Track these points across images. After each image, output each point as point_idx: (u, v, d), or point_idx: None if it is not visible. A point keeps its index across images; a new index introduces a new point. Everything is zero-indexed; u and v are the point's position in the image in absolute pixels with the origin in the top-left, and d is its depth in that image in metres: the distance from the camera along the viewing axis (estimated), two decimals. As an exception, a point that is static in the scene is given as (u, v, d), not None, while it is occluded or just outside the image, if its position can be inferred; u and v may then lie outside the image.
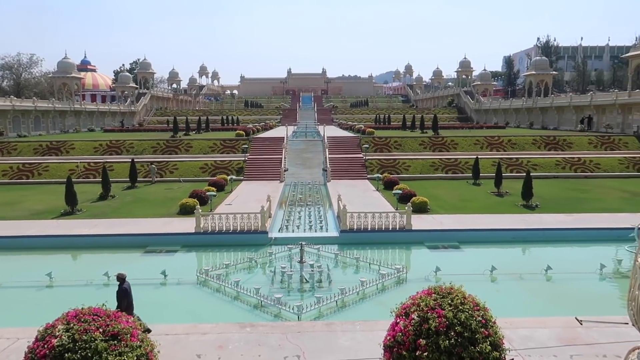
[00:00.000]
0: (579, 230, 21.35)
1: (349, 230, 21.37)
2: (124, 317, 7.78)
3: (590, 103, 53.81)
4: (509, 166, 37.62)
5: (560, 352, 10.46)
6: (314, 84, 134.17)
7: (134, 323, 7.81)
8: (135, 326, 7.71)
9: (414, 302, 8.70)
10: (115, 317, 7.60)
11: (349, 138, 48.12)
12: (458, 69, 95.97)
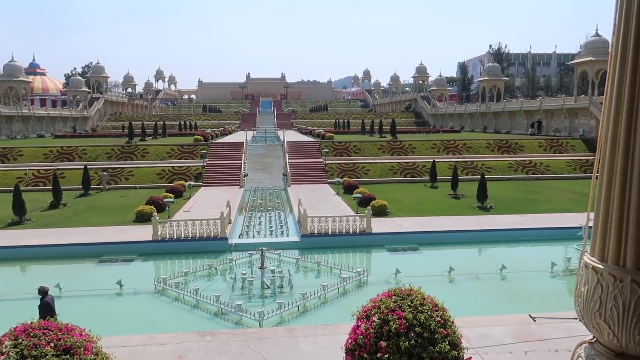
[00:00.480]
0: (531, 230, 22.14)
1: (310, 235, 21.36)
2: (77, 330, 7.46)
3: (540, 108, 56.08)
4: (465, 169, 38.63)
5: (516, 348, 10.78)
6: (273, 88, 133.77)
7: (88, 336, 7.51)
8: (89, 339, 7.41)
9: (374, 304, 8.77)
10: (67, 331, 7.27)
11: (308, 143, 48.21)
12: (415, 75, 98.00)
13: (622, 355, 2.20)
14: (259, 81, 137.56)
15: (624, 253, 2.13)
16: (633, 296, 2.09)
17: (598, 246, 2.24)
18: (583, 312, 2.28)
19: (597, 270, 2.21)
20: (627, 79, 2.10)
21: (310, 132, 59.97)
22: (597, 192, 2.25)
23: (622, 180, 2.12)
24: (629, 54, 2.09)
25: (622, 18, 2.15)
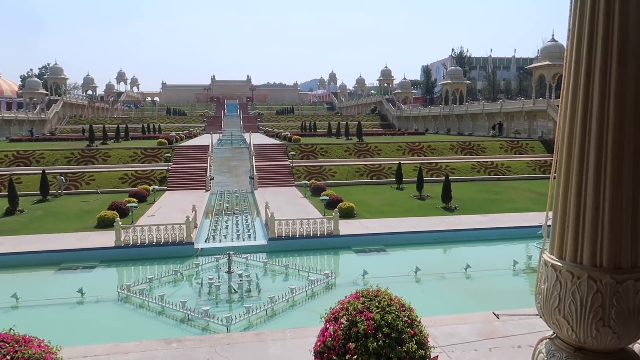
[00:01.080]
0: (493, 229, 22.71)
1: (278, 238, 21.27)
2: (36, 341, 7.19)
3: (501, 110, 57.65)
4: (430, 170, 39.28)
5: (480, 345, 11.01)
6: (239, 91, 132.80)
7: (47, 347, 7.24)
8: (48, 350, 7.14)
9: (342, 306, 8.80)
10: (25, 342, 6.99)
11: (275, 145, 48.04)
12: (380, 78, 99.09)
13: (581, 349, 2.28)
14: (224, 83, 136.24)
15: (581, 251, 2.20)
16: (590, 292, 2.17)
17: (556, 244, 2.31)
18: (543, 309, 2.35)
19: (556, 268, 2.29)
20: (581, 82, 2.18)
21: (277, 134, 59.77)
22: (554, 192, 2.33)
23: (578, 180, 2.20)
24: (583, 58, 2.17)
25: (575, 24, 2.23)
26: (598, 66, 2.14)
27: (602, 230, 2.16)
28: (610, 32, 2.11)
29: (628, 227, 2.15)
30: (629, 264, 2.17)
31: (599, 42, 2.14)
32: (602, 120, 2.14)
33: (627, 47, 2.10)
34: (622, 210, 2.14)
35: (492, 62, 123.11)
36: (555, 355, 2.38)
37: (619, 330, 2.15)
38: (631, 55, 2.10)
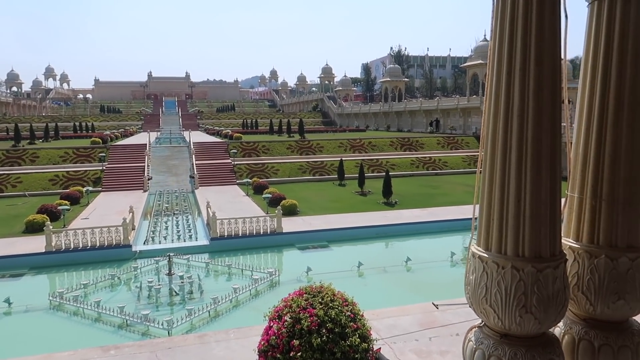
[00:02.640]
0: (432, 222, 23.47)
1: (220, 238, 20.93)
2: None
3: (437, 107, 59.68)
4: (371, 167, 40.00)
5: (421, 335, 11.35)
6: (178, 88, 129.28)
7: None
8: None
9: (286, 304, 8.80)
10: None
11: (216, 143, 47.19)
12: (321, 75, 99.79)
13: (506, 335, 2.41)
14: (162, 80, 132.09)
15: (505, 242, 2.32)
16: (513, 281, 2.29)
17: (483, 236, 2.42)
18: (472, 299, 2.46)
19: (482, 259, 2.39)
20: (503, 81, 2.30)
21: (218, 132, 58.80)
22: (481, 186, 2.43)
23: (501, 175, 2.31)
24: (504, 57, 2.29)
25: (497, 25, 2.34)
26: (518, 66, 2.26)
27: (523, 222, 2.28)
28: (529, 33, 2.23)
29: (547, 219, 2.29)
30: (548, 253, 2.31)
31: (519, 42, 2.25)
32: (522, 118, 2.26)
33: (544, 48, 2.23)
34: (541, 202, 2.27)
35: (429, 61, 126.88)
36: (484, 342, 2.49)
37: (540, 315, 2.28)
38: (546, 55, 2.23)
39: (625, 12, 2.54)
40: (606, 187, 2.61)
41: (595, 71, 2.64)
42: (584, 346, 2.71)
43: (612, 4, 2.59)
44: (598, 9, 2.64)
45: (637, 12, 2.52)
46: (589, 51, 2.69)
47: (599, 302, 2.62)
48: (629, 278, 2.57)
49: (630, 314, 2.68)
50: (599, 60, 2.62)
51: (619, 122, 2.57)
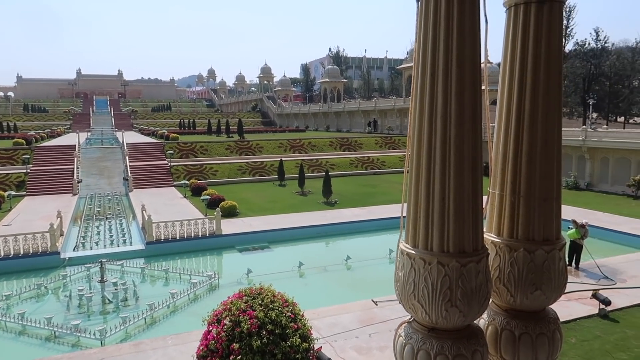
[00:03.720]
0: (371, 221, 23.92)
1: (156, 242, 20.27)
2: None
3: (375, 108, 60.95)
4: (311, 167, 40.20)
5: (361, 332, 11.55)
6: (110, 86, 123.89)
7: None
8: None
9: (225, 307, 8.68)
10: None
11: (151, 144, 45.63)
12: (260, 75, 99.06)
13: (434, 329, 2.50)
14: (92, 78, 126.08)
15: (431, 239, 2.40)
16: (439, 276, 2.38)
17: (410, 234, 2.49)
18: (401, 295, 2.52)
19: (410, 256, 2.46)
20: (427, 82, 2.37)
21: (153, 133, 56.90)
22: (408, 185, 2.50)
23: (427, 174, 2.39)
24: (428, 60, 2.37)
25: (421, 28, 2.42)
26: (441, 68, 2.35)
27: (448, 219, 2.37)
28: (450, 37, 2.32)
29: (470, 215, 2.39)
30: (471, 249, 2.41)
31: (441, 46, 2.34)
32: (445, 118, 2.35)
33: (464, 51, 2.33)
34: (464, 200, 2.37)
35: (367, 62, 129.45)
36: (413, 337, 2.56)
37: (464, 308, 2.38)
38: (467, 58, 2.33)
39: (539, 17, 2.71)
40: (524, 184, 2.77)
41: (512, 74, 2.79)
42: (506, 336, 2.86)
43: (527, 9, 2.74)
44: (515, 15, 2.79)
45: (549, 17, 2.70)
46: (507, 55, 2.84)
47: (519, 293, 2.78)
48: (545, 269, 2.74)
49: (546, 303, 2.86)
50: (516, 64, 2.77)
51: (534, 124, 2.73)
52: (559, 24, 2.76)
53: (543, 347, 2.80)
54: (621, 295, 13.51)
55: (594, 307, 12.56)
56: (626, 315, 12.39)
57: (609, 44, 71.22)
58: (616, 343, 10.87)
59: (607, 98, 67.93)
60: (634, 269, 15.95)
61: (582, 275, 15.52)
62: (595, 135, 33.73)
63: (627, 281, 14.85)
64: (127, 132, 56.06)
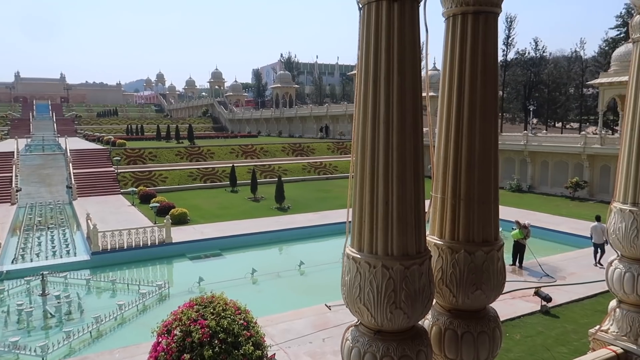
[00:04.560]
0: (324, 226, 24.04)
1: (103, 252, 19.54)
2: None
3: (327, 114, 61.44)
4: (263, 172, 39.99)
5: (315, 337, 11.58)
6: (51, 90, 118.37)
7: None
8: None
9: (175, 317, 8.49)
10: None
11: (97, 150, 43.99)
12: (210, 80, 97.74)
13: (380, 332, 2.55)
14: (32, 82, 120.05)
15: (376, 242, 2.45)
16: (384, 279, 2.43)
17: (356, 238, 2.54)
18: (348, 299, 2.56)
19: (356, 260, 2.51)
20: (370, 88, 2.43)
21: (99, 138, 54.89)
22: (353, 190, 2.55)
23: (371, 178, 2.45)
24: (370, 66, 2.43)
25: (363, 35, 2.48)
26: (383, 75, 2.41)
27: (391, 223, 2.43)
28: (391, 45, 2.39)
29: (412, 219, 2.46)
30: (415, 251, 2.48)
31: (383, 54, 2.41)
32: (387, 124, 2.41)
33: (405, 59, 2.41)
34: (406, 203, 2.44)
35: (319, 68, 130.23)
36: (359, 340, 2.60)
37: (408, 310, 2.44)
38: (408, 66, 2.41)
39: (475, 27, 2.83)
40: (464, 188, 2.88)
41: (452, 82, 2.91)
42: (449, 335, 2.96)
43: (464, 19, 2.86)
44: (453, 25, 2.91)
45: (485, 27, 2.83)
46: (446, 64, 2.95)
47: (460, 294, 2.88)
48: (484, 270, 2.85)
49: (487, 302, 2.97)
50: (454, 72, 2.89)
51: (472, 130, 2.85)
52: (494, 35, 2.90)
53: (484, 345, 2.91)
54: (561, 292, 14.22)
55: (537, 304, 13.15)
56: (565, 311, 13.05)
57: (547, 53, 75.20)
58: (557, 338, 11.41)
59: (546, 104, 71.57)
60: (572, 266, 16.83)
61: (526, 274, 16.22)
62: (535, 140, 35.41)
63: (566, 278, 15.65)
64: (70, 138, 53.72)
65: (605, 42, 64.16)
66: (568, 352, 10.46)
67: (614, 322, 4.65)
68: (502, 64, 67.80)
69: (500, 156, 24.31)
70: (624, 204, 4.39)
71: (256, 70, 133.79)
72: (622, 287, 4.47)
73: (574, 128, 70.42)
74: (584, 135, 33.11)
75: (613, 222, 4.45)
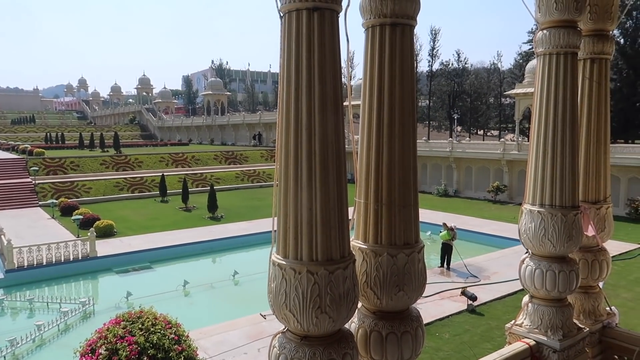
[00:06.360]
0: (257, 234, 23.80)
1: (18, 269, 18.21)
2: None
3: (260, 121, 61.13)
4: (195, 181, 39.03)
5: (250, 348, 11.43)
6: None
7: None
8: None
9: (100, 335, 8.10)
10: None
11: (11, 160, 40.96)
12: (138, 86, 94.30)
13: (306, 337, 2.58)
14: None
15: (300, 248, 2.49)
16: (309, 284, 2.46)
17: (281, 245, 2.56)
18: (274, 306, 2.57)
19: (281, 267, 2.53)
20: (292, 96, 2.48)
21: (14, 147, 51.11)
22: (278, 197, 2.57)
23: (294, 185, 2.48)
24: (292, 75, 2.49)
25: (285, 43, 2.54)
26: (304, 83, 2.46)
27: (315, 228, 2.48)
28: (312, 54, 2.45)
29: (336, 224, 2.52)
30: (339, 255, 2.54)
31: (304, 62, 2.46)
32: (310, 131, 2.46)
33: (326, 68, 2.47)
34: (330, 209, 2.50)
35: (251, 76, 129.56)
36: (286, 347, 2.62)
37: (333, 314, 2.49)
38: (329, 74, 2.48)
39: (392, 38, 2.96)
40: (385, 192, 2.98)
41: (372, 90, 3.01)
42: (374, 337, 3.04)
43: (382, 30, 2.98)
44: (372, 35, 3.02)
45: (401, 38, 2.96)
46: (367, 72, 3.05)
47: (384, 295, 2.97)
48: (406, 271, 2.97)
49: (409, 303, 3.09)
50: (374, 81, 3.00)
51: (392, 136, 2.96)
52: (410, 45, 3.04)
53: (407, 344, 3.02)
54: (485, 291, 14.99)
55: (463, 303, 13.77)
56: (489, 309, 13.76)
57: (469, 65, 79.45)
58: (482, 335, 12.01)
59: (468, 113, 75.51)
60: (495, 266, 17.80)
61: (453, 275, 16.95)
62: (460, 147, 37.22)
63: (490, 277, 16.52)
64: (-19, 147, 49.74)
65: (519, 55, 68.80)
66: (492, 348, 11.03)
67: (527, 316, 4.98)
68: (427, 74, 70.86)
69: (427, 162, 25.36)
70: (533, 205, 4.72)
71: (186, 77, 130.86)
72: (533, 283, 4.80)
73: (494, 135, 74.77)
74: (503, 142, 35.25)
75: (524, 222, 4.78)
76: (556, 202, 4.61)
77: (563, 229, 4.57)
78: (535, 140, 4.72)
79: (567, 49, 4.62)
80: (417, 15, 3.03)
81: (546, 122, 4.65)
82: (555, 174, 4.61)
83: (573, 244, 4.70)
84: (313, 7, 2.44)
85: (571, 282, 4.74)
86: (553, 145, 4.61)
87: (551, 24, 4.66)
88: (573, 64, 4.69)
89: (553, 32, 4.63)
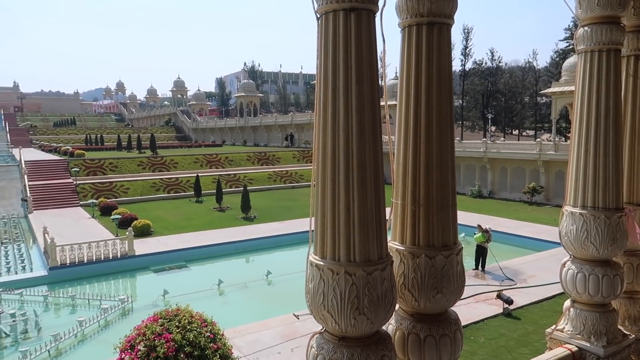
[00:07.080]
0: (290, 235, 23.96)
1: (61, 266, 18.90)
2: None
3: (292, 122, 61.48)
4: (228, 182, 39.59)
5: (283, 348, 11.51)
6: (3, 99, 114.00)
7: None
8: None
9: (139, 332, 8.29)
10: None
11: (54, 161, 42.57)
12: (173, 89, 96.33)
13: (344, 338, 2.58)
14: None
15: (338, 249, 2.49)
16: (347, 285, 2.46)
17: (319, 245, 2.57)
18: (312, 307, 2.58)
19: (319, 267, 2.53)
20: (330, 97, 2.49)
21: (56, 149, 53.10)
22: (315, 198, 2.58)
23: (332, 186, 2.49)
24: (329, 76, 2.50)
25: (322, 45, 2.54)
26: (341, 84, 2.46)
27: (353, 229, 2.47)
28: (349, 55, 2.45)
29: (373, 225, 2.51)
30: (376, 257, 2.52)
31: (341, 63, 2.47)
32: (347, 132, 2.46)
33: (363, 69, 2.47)
34: (367, 210, 2.49)
35: (283, 77, 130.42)
36: (324, 347, 2.62)
37: (371, 316, 2.48)
38: (366, 75, 2.47)
39: (429, 38, 2.93)
40: (423, 193, 2.95)
41: (409, 91, 2.99)
42: (412, 339, 3.01)
43: (419, 30, 2.96)
44: (408, 35, 3.00)
45: (439, 38, 2.93)
46: (403, 73, 3.03)
47: (422, 298, 2.94)
48: (444, 274, 2.93)
49: (447, 306, 3.05)
50: (411, 81, 2.97)
51: (430, 137, 2.93)
52: (447, 44, 3.00)
53: (446, 348, 2.97)
54: (522, 294, 14.64)
55: (499, 306, 13.49)
56: (526, 313, 13.43)
57: (503, 64, 77.78)
58: (519, 339, 11.73)
59: (503, 113, 73.89)
60: (531, 269, 17.36)
61: (488, 278, 16.62)
62: (494, 147, 36.47)
63: (527, 281, 16.13)
64: (25, 148, 51.90)
65: (556, 53, 66.94)
66: (529, 353, 10.77)
67: (569, 321, 4.83)
68: (460, 74, 69.72)
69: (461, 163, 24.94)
70: (574, 207, 4.58)
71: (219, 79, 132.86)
72: (575, 287, 4.65)
73: (530, 135, 72.94)
74: (539, 142, 34.34)
75: (565, 224, 4.64)
76: (599, 204, 4.46)
77: (606, 232, 4.41)
78: (577, 139, 4.57)
79: (609, 45, 4.46)
80: (454, 13, 2.99)
81: (588, 121, 4.51)
82: (597, 174, 4.46)
83: (617, 248, 4.53)
84: (350, 7, 2.44)
85: (615, 286, 4.57)
86: (595, 144, 4.46)
87: (593, 20, 4.50)
88: (616, 61, 4.53)
89: (595, 29, 4.48)
